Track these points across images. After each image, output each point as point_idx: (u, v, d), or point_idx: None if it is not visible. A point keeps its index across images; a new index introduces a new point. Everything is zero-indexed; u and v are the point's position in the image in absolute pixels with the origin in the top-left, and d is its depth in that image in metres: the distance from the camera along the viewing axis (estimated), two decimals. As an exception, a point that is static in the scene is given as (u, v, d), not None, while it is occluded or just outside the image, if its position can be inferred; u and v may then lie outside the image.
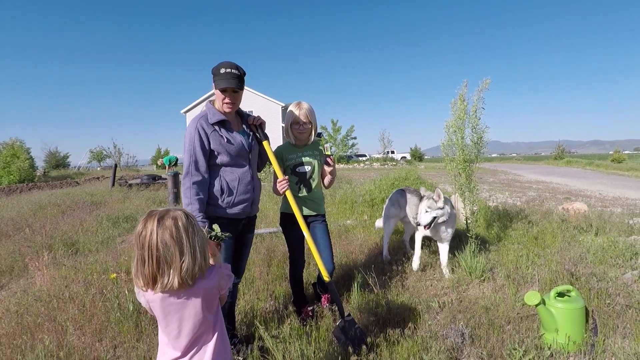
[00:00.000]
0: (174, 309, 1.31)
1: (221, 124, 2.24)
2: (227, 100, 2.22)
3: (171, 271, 1.25)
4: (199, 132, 2.16)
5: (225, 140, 2.22)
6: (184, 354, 1.33)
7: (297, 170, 2.71)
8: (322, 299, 3.02)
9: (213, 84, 2.23)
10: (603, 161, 28.50)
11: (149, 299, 1.31)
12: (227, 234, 1.58)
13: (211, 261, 1.42)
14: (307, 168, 2.72)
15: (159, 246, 1.24)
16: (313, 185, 2.75)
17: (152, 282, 1.27)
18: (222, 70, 2.17)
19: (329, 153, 2.67)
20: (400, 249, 4.38)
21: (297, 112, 2.62)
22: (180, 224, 1.26)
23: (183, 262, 1.25)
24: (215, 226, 1.56)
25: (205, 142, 2.17)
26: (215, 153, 2.21)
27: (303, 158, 2.72)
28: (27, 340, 2.49)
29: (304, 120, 2.63)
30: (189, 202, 2.10)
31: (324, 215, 2.85)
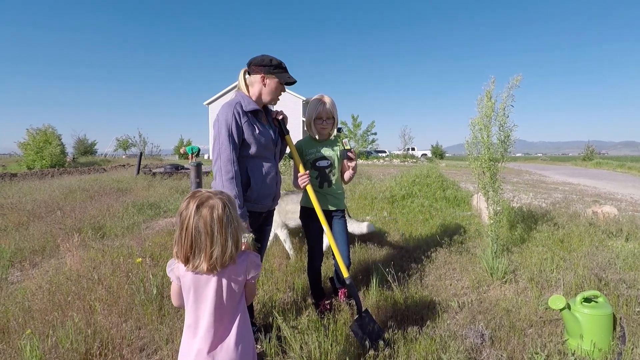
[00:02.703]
0: (202, 286, 1.38)
1: (254, 113, 2.26)
2: (281, 94, 2.34)
3: (202, 256, 1.33)
4: (235, 117, 2.14)
5: (258, 131, 2.23)
6: (205, 335, 1.38)
7: (317, 164, 2.71)
8: (339, 293, 3.03)
9: (271, 75, 2.25)
10: (636, 163, 27.20)
11: (180, 274, 1.39)
12: (258, 245, 1.66)
13: (243, 247, 1.46)
14: (327, 162, 2.72)
15: (193, 232, 1.31)
16: (333, 180, 2.74)
17: (184, 260, 1.36)
18: (284, 65, 2.28)
19: (348, 147, 2.67)
20: (420, 246, 4.34)
21: (320, 107, 2.62)
22: (215, 214, 1.32)
23: (213, 250, 1.32)
24: (249, 235, 1.62)
25: (240, 128, 2.16)
26: (247, 143, 2.20)
27: (323, 152, 2.71)
28: (58, 317, 2.62)
29: (327, 116, 2.64)
30: (228, 179, 2.08)
31: (343, 211, 2.84)
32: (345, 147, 2.68)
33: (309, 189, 2.49)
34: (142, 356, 2.30)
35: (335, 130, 2.78)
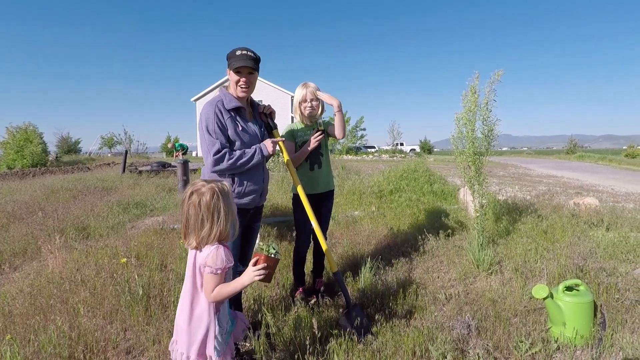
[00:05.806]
0: (190, 261, 1.62)
1: (237, 111, 2.24)
2: (242, 81, 2.21)
3: (193, 234, 1.56)
4: (217, 115, 2.13)
5: (241, 128, 2.22)
6: (181, 305, 1.65)
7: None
8: (316, 283, 3.12)
9: (228, 69, 2.22)
10: (616, 156, 27.92)
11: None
12: (278, 253, 1.67)
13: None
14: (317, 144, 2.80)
15: (186, 215, 1.56)
16: (322, 161, 2.88)
17: (183, 237, 1.62)
18: (238, 52, 2.19)
19: (322, 128, 2.79)
20: (408, 240, 4.37)
21: (304, 91, 2.77)
22: (203, 200, 1.53)
23: (201, 230, 1.54)
24: (264, 245, 1.68)
25: (224, 125, 2.16)
26: (230, 140, 2.20)
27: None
28: (40, 321, 2.55)
29: (311, 97, 2.77)
30: (241, 161, 2.14)
31: (332, 191, 3.01)
32: (319, 128, 2.80)
33: (301, 190, 2.54)
34: (128, 358, 2.27)
35: (322, 113, 2.89)
